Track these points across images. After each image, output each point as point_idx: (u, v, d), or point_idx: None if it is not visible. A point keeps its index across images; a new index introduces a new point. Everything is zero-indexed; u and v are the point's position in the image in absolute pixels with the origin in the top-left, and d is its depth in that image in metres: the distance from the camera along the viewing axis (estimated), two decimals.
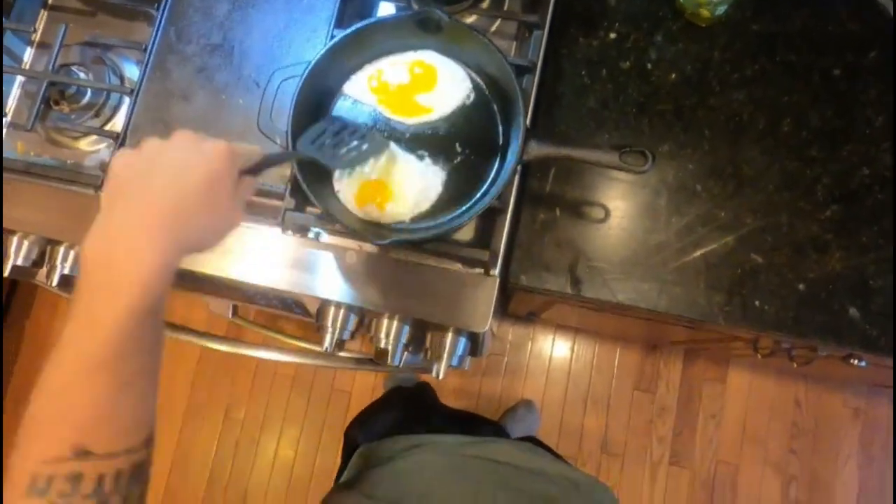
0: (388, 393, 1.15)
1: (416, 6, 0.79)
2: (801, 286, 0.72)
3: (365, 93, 0.72)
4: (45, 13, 0.88)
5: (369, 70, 0.73)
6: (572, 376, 1.71)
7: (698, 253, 0.74)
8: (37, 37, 0.88)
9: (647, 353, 1.70)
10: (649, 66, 0.79)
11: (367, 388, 1.74)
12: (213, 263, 0.77)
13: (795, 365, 1.02)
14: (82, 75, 0.83)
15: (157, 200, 0.42)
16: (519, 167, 0.73)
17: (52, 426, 0.39)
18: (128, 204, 0.42)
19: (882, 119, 0.75)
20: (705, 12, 0.75)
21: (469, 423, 0.94)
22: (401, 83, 0.72)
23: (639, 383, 1.69)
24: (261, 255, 0.76)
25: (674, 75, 0.78)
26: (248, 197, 0.51)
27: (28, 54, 0.88)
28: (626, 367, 1.70)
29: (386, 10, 0.85)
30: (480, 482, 0.67)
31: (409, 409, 0.94)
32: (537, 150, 0.67)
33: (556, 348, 1.73)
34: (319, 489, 1.71)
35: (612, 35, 0.80)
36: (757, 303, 0.72)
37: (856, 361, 0.80)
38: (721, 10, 0.75)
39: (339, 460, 0.88)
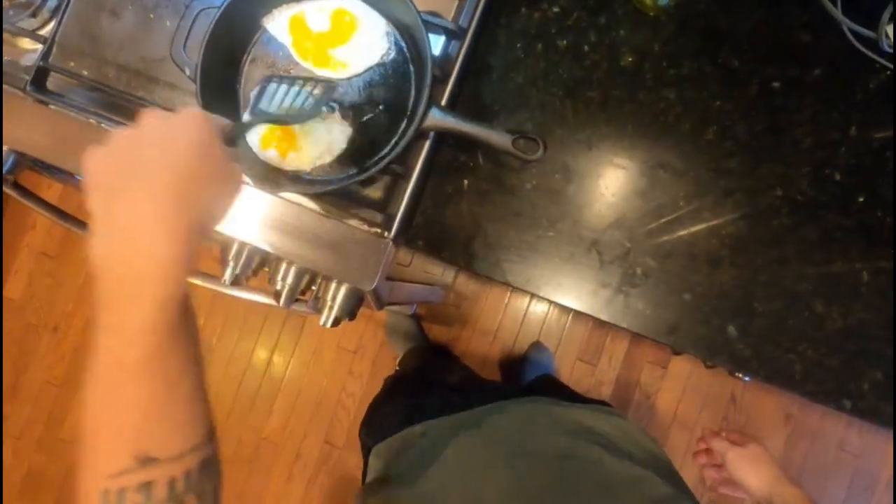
0: (387, 386, 1.18)
1: None
2: (686, 296, 0.73)
3: (283, 32, 0.71)
4: None
5: (294, 9, 0.72)
6: (519, 337, 1.74)
7: (593, 247, 0.74)
8: None
9: (596, 326, 1.72)
10: (586, 48, 0.76)
11: None
12: None
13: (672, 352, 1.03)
14: None
15: (156, 185, 0.38)
16: (431, 135, 0.72)
17: (109, 438, 0.38)
18: (127, 198, 0.38)
19: (809, 142, 0.72)
20: (649, 1, 0.72)
21: (473, 392, 0.94)
22: (321, 31, 0.71)
23: (583, 354, 1.72)
24: None
25: (609, 62, 0.75)
26: (237, 160, 0.50)
27: None
28: (572, 336, 1.73)
29: None
30: (493, 456, 0.65)
31: (409, 400, 0.96)
32: (435, 120, 0.66)
33: (509, 306, 1.76)
34: (263, 402, 1.80)
35: (556, 9, 0.76)
36: (640, 305, 0.73)
37: (740, 375, 0.81)
38: (665, 0, 0.72)
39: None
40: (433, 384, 1.32)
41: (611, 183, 0.74)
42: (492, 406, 0.78)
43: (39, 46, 0.85)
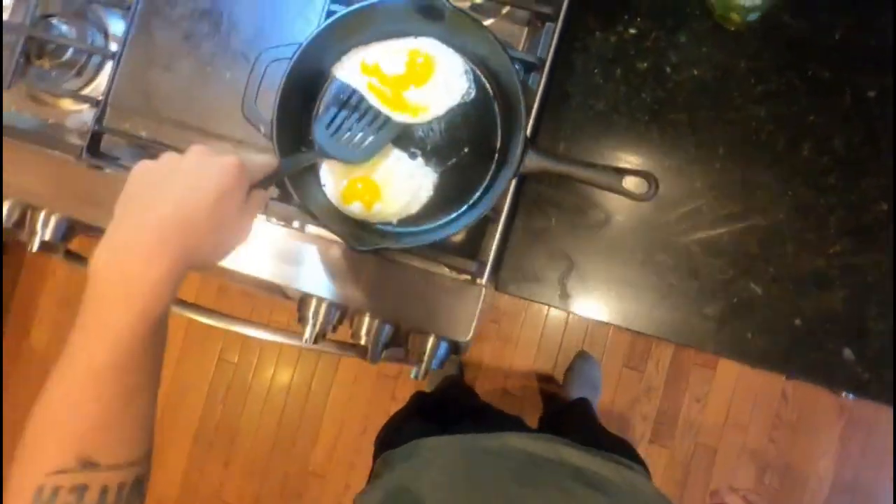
0: (411, 402, 1.16)
1: None
2: (797, 321, 0.70)
3: (355, 78, 0.67)
4: None
5: (363, 54, 0.68)
6: (563, 349, 1.71)
7: (693, 277, 0.71)
8: None
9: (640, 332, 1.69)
10: (668, 69, 0.73)
11: None
12: None
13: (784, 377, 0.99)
14: (64, 28, 0.78)
15: (168, 213, 0.42)
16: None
17: (58, 436, 0.39)
18: (140, 215, 0.42)
19: None
20: (736, 17, 0.69)
21: (490, 420, 0.93)
22: (396, 74, 0.67)
23: (629, 360, 1.70)
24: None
25: (693, 82, 0.72)
26: (259, 211, 0.51)
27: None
28: (617, 344, 1.70)
29: None
30: (492, 478, 0.65)
31: (427, 416, 0.94)
32: (535, 162, 0.63)
33: (549, 320, 1.73)
34: (305, 434, 1.76)
35: (633, 30, 0.73)
36: (749, 335, 0.70)
37: (844, 394, 0.79)
38: (754, 16, 0.69)
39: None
40: (455, 407, 1.31)
41: (705, 208, 0.71)
42: (504, 434, 0.76)
43: (84, 107, 0.81)
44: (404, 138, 0.68)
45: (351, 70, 0.68)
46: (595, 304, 0.72)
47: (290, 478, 1.76)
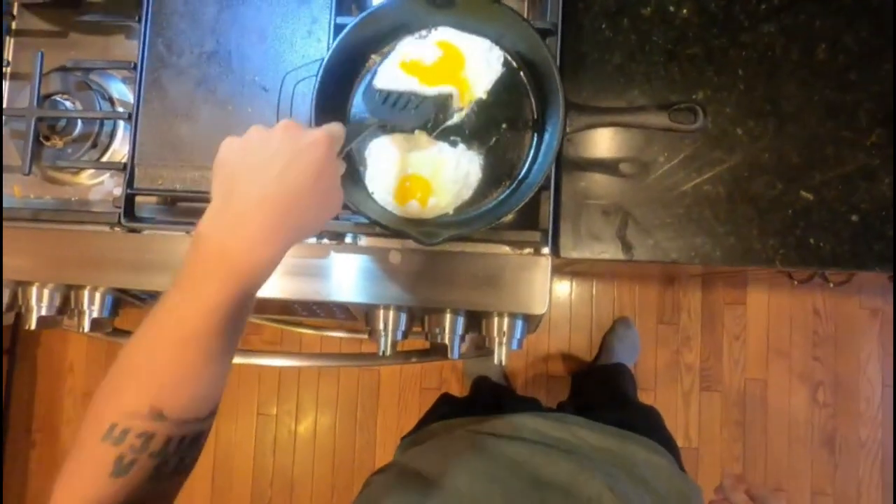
0: (439, 398, 1.17)
1: None
2: (854, 217, 0.71)
3: (398, 78, 0.67)
4: (11, 41, 0.81)
5: (394, 57, 0.68)
6: (596, 320, 1.72)
7: (748, 199, 0.72)
8: (9, 69, 0.80)
9: (666, 286, 1.71)
10: (672, 8, 0.74)
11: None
12: None
13: (832, 285, 1.02)
14: (69, 105, 0.77)
15: (273, 193, 0.43)
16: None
17: (137, 383, 0.41)
18: (244, 194, 0.43)
19: None
20: None
21: (508, 403, 0.94)
22: (436, 60, 0.67)
23: (661, 316, 1.71)
24: (298, 266, 0.73)
25: (699, 15, 0.74)
26: (340, 177, 0.50)
27: (3, 88, 0.81)
28: (646, 303, 1.71)
29: None
30: (493, 461, 0.65)
31: (449, 405, 0.95)
32: (580, 121, 0.64)
33: (575, 295, 1.74)
34: (363, 466, 1.73)
35: None
36: (812, 241, 0.71)
37: None
38: None
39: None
40: (481, 399, 1.31)
41: (740, 130, 0.73)
42: (520, 416, 0.75)
43: (104, 177, 0.80)
44: (442, 129, 0.68)
45: (391, 74, 0.68)
46: (658, 248, 0.72)
47: None
